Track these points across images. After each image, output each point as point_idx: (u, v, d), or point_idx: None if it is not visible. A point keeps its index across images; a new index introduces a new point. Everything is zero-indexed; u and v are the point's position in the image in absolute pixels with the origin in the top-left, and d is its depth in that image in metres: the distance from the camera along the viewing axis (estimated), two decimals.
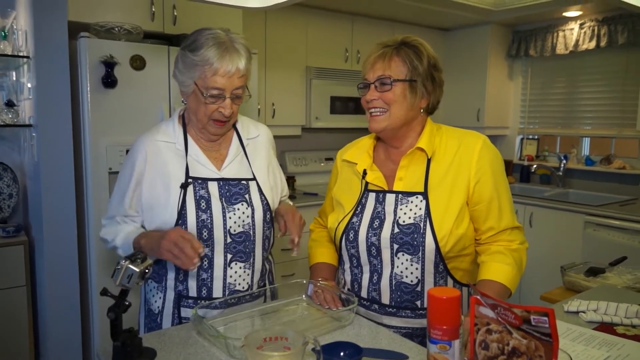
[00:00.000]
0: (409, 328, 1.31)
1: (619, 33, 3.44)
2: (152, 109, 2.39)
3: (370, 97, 1.29)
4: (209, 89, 1.26)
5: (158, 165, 1.33)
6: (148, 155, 1.34)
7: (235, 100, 1.30)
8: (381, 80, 1.28)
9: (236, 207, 1.33)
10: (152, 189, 1.33)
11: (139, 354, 1.07)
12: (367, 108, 1.33)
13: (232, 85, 1.27)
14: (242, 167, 1.38)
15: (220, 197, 1.33)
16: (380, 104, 1.29)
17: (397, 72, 1.28)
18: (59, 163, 2.25)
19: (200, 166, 1.34)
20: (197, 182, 1.32)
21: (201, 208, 1.30)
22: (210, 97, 1.27)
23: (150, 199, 1.33)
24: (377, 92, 1.29)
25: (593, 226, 3.09)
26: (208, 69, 1.25)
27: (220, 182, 1.34)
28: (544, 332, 0.76)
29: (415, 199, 1.30)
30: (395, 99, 1.28)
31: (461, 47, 4.20)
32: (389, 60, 1.28)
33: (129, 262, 1.07)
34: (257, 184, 1.38)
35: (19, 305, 2.40)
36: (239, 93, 1.30)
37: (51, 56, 2.19)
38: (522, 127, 4.31)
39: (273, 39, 3.37)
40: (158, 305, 1.38)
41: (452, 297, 0.86)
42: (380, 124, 1.31)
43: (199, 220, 1.29)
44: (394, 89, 1.28)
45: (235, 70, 1.26)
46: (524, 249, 1.34)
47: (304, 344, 0.94)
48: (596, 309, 1.32)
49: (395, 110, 1.29)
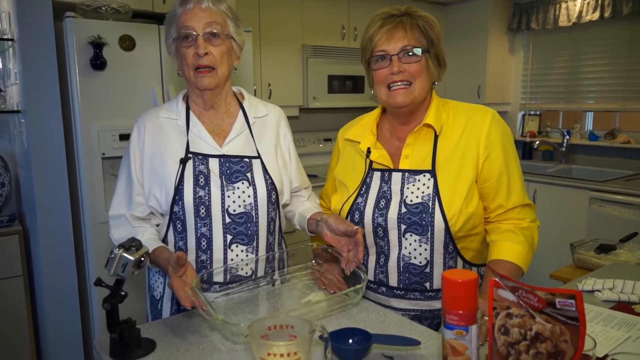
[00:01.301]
0: (417, 310, 1.28)
1: (623, 3, 3.35)
2: (144, 91, 2.31)
3: (398, 70, 1.21)
4: (180, 30, 1.24)
5: (158, 140, 1.30)
6: (147, 132, 1.31)
7: (210, 41, 1.24)
8: (407, 51, 1.21)
9: (236, 185, 1.27)
10: (150, 163, 1.29)
11: (138, 345, 1.03)
12: (386, 82, 1.24)
13: (198, 21, 1.22)
14: (247, 146, 1.32)
15: (220, 175, 1.27)
16: (406, 76, 1.22)
17: (420, 42, 1.22)
18: (49, 149, 2.19)
19: (201, 142, 1.30)
20: (197, 158, 1.27)
21: (199, 184, 1.25)
22: (183, 40, 1.24)
23: (149, 174, 1.28)
24: (402, 63, 1.21)
25: (598, 202, 3.05)
26: (176, 18, 1.25)
27: (222, 159, 1.29)
28: (569, 316, 0.71)
29: (422, 177, 1.25)
30: (421, 71, 1.22)
31: (461, 22, 4.10)
32: (411, 29, 1.21)
33: (123, 250, 1.01)
34: (262, 162, 1.32)
35: (17, 296, 2.35)
36: (212, 30, 1.23)
37: (36, 38, 2.11)
38: (524, 102, 4.24)
39: (267, 17, 3.27)
40: (160, 292, 1.35)
41: (469, 280, 0.81)
42: (407, 97, 1.23)
43: (196, 197, 1.24)
44: (421, 61, 1.21)
45: (196, 7, 1.23)
46: (535, 227, 1.29)
47: (310, 332, 0.89)
48: (612, 288, 1.28)
49: (421, 83, 1.23)
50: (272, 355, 0.86)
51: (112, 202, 1.32)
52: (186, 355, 1.00)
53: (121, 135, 2.23)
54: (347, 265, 1.21)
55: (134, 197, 1.28)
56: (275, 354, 0.85)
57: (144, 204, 1.28)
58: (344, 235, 1.23)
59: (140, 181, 1.29)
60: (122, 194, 1.31)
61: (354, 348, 0.97)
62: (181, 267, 1.07)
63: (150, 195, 1.27)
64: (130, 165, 1.29)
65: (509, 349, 0.77)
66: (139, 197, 1.28)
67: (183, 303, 1.04)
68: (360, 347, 0.96)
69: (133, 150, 1.30)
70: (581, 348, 0.71)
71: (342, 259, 1.24)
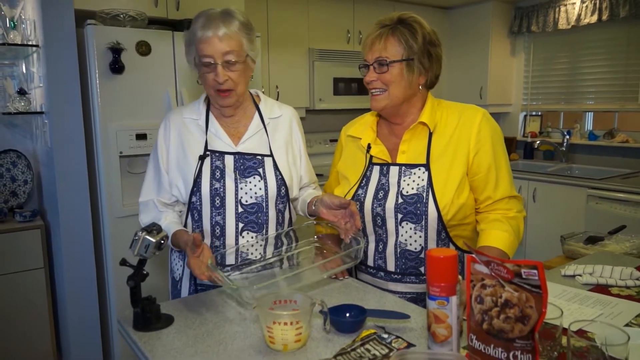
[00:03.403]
0: (413, 293, 1.37)
1: (620, 6, 3.43)
2: (159, 94, 2.44)
3: (370, 79, 1.34)
4: (200, 57, 1.33)
5: (181, 137, 1.43)
6: (172, 128, 1.44)
7: (228, 67, 1.32)
8: (379, 62, 1.32)
9: (248, 180, 1.40)
10: (175, 156, 1.42)
11: (157, 319, 1.14)
12: (368, 87, 1.37)
13: (217, 50, 1.30)
14: (261, 144, 1.44)
15: (234, 170, 1.40)
16: (379, 84, 1.34)
17: (394, 53, 1.31)
18: (71, 148, 2.32)
19: (218, 141, 1.43)
20: (214, 155, 1.41)
21: (215, 177, 1.39)
22: (203, 67, 1.33)
23: (173, 166, 1.42)
24: (376, 73, 1.33)
25: (595, 199, 3.13)
26: (196, 42, 1.32)
27: (236, 156, 1.41)
28: (534, 285, 0.81)
29: (417, 171, 1.35)
30: (392, 80, 1.32)
31: (463, 25, 4.19)
32: (385, 41, 1.31)
33: (146, 233, 1.13)
34: (274, 159, 1.44)
35: (38, 287, 2.49)
36: (229, 59, 1.32)
37: (60, 44, 2.24)
38: (525, 103, 4.32)
39: (275, 22, 3.39)
40: (179, 273, 1.48)
41: (449, 256, 0.92)
42: (380, 103, 1.35)
43: (212, 188, 1.38)
44: (390, 70, 1.31)
45: (214, 36, 1.29)
46: (521, 217, 1.38)
47: (311, 304, 1.01)
48: (592, 272, 1.37)
49: (394, 90, 1.33)
50: (277, 324, 0.97)
51: (142, 190, 1.46)
52: (201, 327, 1.12)
53: (137, 135, 2.37)
54: (346, 234, 1.32)
55: (162, 184, 1.43)
56: (280, 323, 0.97)
57: (169, 192, 1.43)
58: (339, 208, 1.33)
59: (167, 170, 1.43)
60: (151, 181, 1.45)
61: (350, 320, 1.08)
62: (197, 248, 1.19)
63: (173, 185, 1.41)
64: (158, 157, 1.44)
65: (483, 316, 0.88)
66: (166, 184, 1.42)
67: (199, 277, 1.18)
68: (355, 320, 1.07)
69: (160, 144, 1.44)
70: (544, 312, 0.81)
71: (340, 230, 1.34)
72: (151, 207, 1.44)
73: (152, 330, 1.11)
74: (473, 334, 0.88)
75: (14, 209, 2.65)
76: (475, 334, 0.88)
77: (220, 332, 1.09)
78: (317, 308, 1.04)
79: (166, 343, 1.05)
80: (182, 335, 1.08)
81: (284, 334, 0.97)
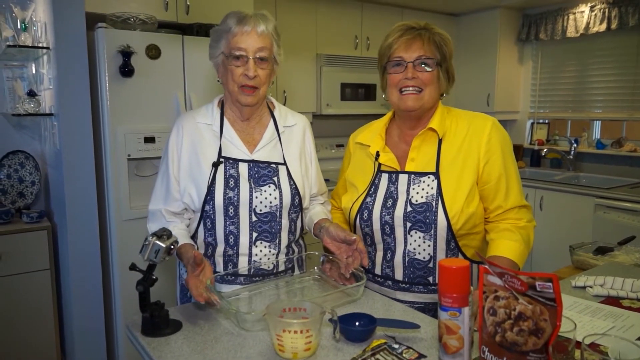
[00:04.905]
0: (421, 303, 1.36)
1: (630, 15, 3.43)
2: (168, 97, 2.45)
3: (412, 76, 1.33)
4: (232, 49, 1.32)
5: (194, 143, 1.40)
6: (185, 134, 1.41)
7: (259, 63, 1.33)
8: (422, 61, 1.32)
9: (263, 188, 1.38)
10: (187, 163, 1.39)
11: (166, 324, 1.14)
12: (399, 86, 1.35)
13: (252, 45, 1.31)
14: (274, 152, 1.43)
15: (249, 178, 1.38)
16: (417, 83, 1.33)
17: (435, 55, 1.33)
18: (79, 150, 2.32)
19: (233, 147, 1.40)
20: (228, 162, 1.38)
21: (229, 186, 1.36)
22: (234, 59, 1.32)
23: (185, 174, 1.39)
24: (417, 71, 1.33)
25: (603, 209, 3.11)
26: (230, 35, 1.32)
27: (250, 164, 1.39)
28: (548, 297, 0.81)
29: (427, 179, 1.35)
30: (431, 81, 1.33)
31: (471, 32, 4.20)
32: (427, 42, 1.33)
33: (156, 238, 1.13)
34: (287, 169, 1.42)
35: (44, 288, 2.50)
36: (262, 55, 1.33)
37: (70, 47, 2.25)
38: (533, 111, 4.31)
39: (283, 27, 3.37)
40: None
41: (462, 266, 0.91)
42: (416, 103, 1.34)
43: (225, 197, 1.35)
44: (433, 71, 1.33)
45: (253, 30, 1.31)
46: (531, 227, 1.37)
47: (321, 313, 1.00)
48: (603, 284, 1.36)
49: (430, 91, 1.34)
50: (287, 332, 0.97)
51: (151, 197, 1.43)
52: (209, 333, 1.12)
53: (146, 138, 2.37)
54: (346, 268, 1.32)
55: (170, 193, 1.39)
56: (289, 331, 0.96)
57: (179, 200, 1.39)
58: (343, 242, 1.34)
59: (177, 178, 1.39)
60: (160, 189, 1.42)
61: (360, 329, 1.07)
62: (198, 267, 1.18)
63: (185, 193, 1.38)
64: (168, 164, 1.40)
65: (496, 328, 0.87)
66: (175, 193, 1.39)
67: (197, 299, 1.15)
68: (365, 329, 1.07)
69: (172, 150, 1.41)
70: (558, 326, 0.81)
71: (341, 264, 1.34)
72: (158, 217, 1.40)
73: (161, 335, 1.11)
74: (485, 346, 0.88)
75: (21, 210, 2.66)
76: (488, 346, 0.87)
77: (228, 339, 1.08)
78: (327, 316, 1.04)
79: (174, 349, 1.05)
80: (191, 341, 1.08)
81: (294, 342, 0.97)
